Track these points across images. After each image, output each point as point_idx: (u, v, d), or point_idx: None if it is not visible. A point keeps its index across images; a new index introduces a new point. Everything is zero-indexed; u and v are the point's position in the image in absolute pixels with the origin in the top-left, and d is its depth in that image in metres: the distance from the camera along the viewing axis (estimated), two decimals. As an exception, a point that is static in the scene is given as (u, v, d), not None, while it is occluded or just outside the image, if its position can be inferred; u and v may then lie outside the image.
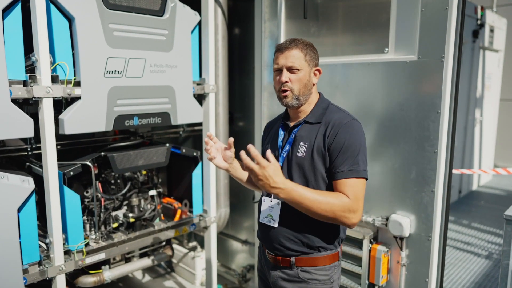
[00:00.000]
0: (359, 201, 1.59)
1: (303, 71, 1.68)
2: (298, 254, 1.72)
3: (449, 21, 2.07)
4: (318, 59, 1.78)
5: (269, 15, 3.02)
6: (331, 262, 1.74)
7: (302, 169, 1.70)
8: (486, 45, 6.20)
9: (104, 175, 2.80)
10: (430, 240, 2.26)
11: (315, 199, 1.54)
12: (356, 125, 1.67)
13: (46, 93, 2.13)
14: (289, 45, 1.70)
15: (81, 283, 2.68)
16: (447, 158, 2.18)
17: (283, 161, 1.76)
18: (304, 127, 1.74)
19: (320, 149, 1.66)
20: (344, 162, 1.60)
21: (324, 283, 1.73)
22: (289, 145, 1.76)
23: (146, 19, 2.53)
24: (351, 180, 1.59)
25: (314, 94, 1.79)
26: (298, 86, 1.69)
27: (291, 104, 1.71)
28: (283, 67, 1.69)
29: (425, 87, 2.20)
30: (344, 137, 1.61)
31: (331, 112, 1.73)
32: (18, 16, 2.06)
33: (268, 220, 1.77)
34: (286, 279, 1.76)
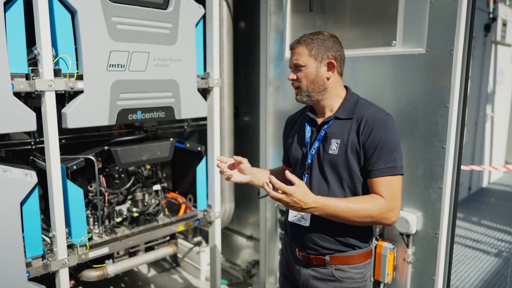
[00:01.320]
0: (396, 198, 1.57)
1: (308, 67, 1.64)
2: (332, 252, 1.69)
3: (459, 12, 2.01)
4: (332, 51, 1.67)
5: (275, 8, 2.97)
6: (365, 259, 1.72)
7: (335, 167, 1.65)
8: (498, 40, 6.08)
9: (108, 170, 2.80)
10: (437, 238, 2.21)
11: (350, 209, 1.52)
12: (391, 120, 1.62)
13: (49, 87, 2.12)
14: (295, 43, 1.68)
15: (85, 277, 2.68)
16: (456, 154, 2.13)
17: (312, 158, 1.72)
18: (335, 123, 1.68)
19: (354, 146, 1.61)
20: (381, 159, 1.57)
21: (359, 282, 1.70)
22: (318, 142, 1.70)
23: (150, 12, 2.50)
24: (388, 178, 1.56)
25: (337, 88, 1.71)
26: (305, 83, 1.66)
27: (301, 101, 1.71)
28: (291, 65, 1.70)
29: (434, 81, 2.14)
30: (379, 134, 1.57)
31: (362, 107, 1.67)
32: (20, 9, 2.04)
33: (298, 219, 1.73)
34: (319, 278, 1.72)
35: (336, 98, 1.72)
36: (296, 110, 2.87)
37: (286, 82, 2.94)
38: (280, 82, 2.98)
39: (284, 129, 2.00)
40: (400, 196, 1.59)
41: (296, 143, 1.82)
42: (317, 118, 1.76)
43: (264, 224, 3.18)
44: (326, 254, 1.70)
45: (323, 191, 1.67)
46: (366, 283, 1.73)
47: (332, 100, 1.71)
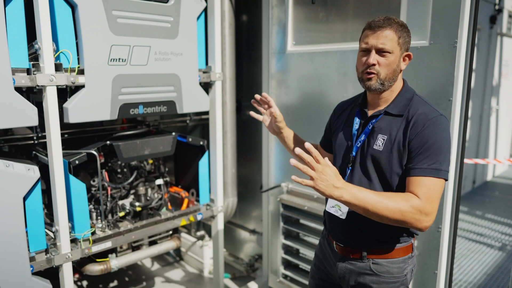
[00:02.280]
0: (434, 203, 1.44)
1: (394, 55, 1.52)
2: (369, 246, 1.64)
3: (462, 4, 1.98)
4: (410, 42, 1.60)
5: (277, 1, 2.94)
6: (404, 254, 1.65)
7: (378, 163, 1.57)
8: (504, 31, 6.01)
9: (110, 164, 2.80)
10: (440, 232, 2.20)
11: (381, 200, 1.41)
12: (444, 121, 1.51)
13: (50, 81, 2.12)
14: (383, 24, 1.51)
15: (88, 271, 2.70)
16: (459, 147, 2.11)
17: (356, 151, 1.65)
18: (384, 118, 1.59)
19: (399, 145, 1.52)
20: (425, 159, 1.46)
21: (398, 277, 1.64)
22: (365, 135, 1.63)
23: (151, 5, 2.49)
24: (428, 179, 1.44)
25: (400, 82, 1.63)
26: (385, 71, 1.53)
27: (374, 88, 1.56)
28: (372, 47, 1.53)
29: (437, 73, 2.12)
30: (428, 134, 1.47)
31: (415, 104, 1.57)
32: (20, 4, 2.04)
33: (335, 210, 1.67)
34: (356, 272, 1.68)
35: (395, 91, 1.63)
36: (298, 104, 2.87)
37: (289, 76, 2.92)
38: (283, 75, 2.96)
39: (333, 113, 1.92)
40: (437, 202, 1.45)
41: (342, 133, 1.74)
42: (368, 110, 1.67)
43: (267, 218, 3.18)
44: (363, 248, 1.65)
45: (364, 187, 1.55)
46: (406, 278, 1.66)
47: (392, 92, 1.62)
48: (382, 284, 1.64)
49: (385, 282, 1.64)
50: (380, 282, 1.64)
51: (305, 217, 2.85)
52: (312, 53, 2.74)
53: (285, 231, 3.07)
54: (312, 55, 2.74)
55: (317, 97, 2.74)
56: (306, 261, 2.99)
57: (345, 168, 1.68)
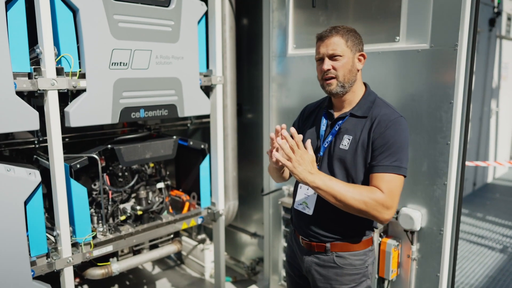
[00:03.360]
0: (395, 197, 1.57)
1: (345, 57, 1.65)
2: (333, 240, 1.74)
3: (463, 7, 1.99)
4: (362, 44, 1.73)
5: (277, 4, 2.95)
6: (365, 247, 1.76)
7: (344, 162, 1.69)
8: (503, 34, 6.03)
9: (111, 168, 2.80)
10: (442, 234, 2.20)
11: (348, 189, 1.54)
12: (403, 122, 1.65)
13: (51, 86, 2.12)
14: (329, 33, 1.67)
15: (89, 275, 2.69)
16: (460, 150, 2.11)
17: (324, 151, 1.75)
18: (350, 119, 1.72)
19: (364, 144, 1.65)
20: (387, 157, 1.59)
21: (359, 268, 1.74)
22: (332, 136, 1.74)
23: (152, 9, 2.50)
24: (390, 176, 1.57)
25: (359, 82, 1.75)
26: (342, 73, 1.66)
27: (335, 92, 1.68)
28: (324, 55, 1.67)
29: (438, 76, 2.12)
30: (390, 134, 1.60)
31: (378, 106, 1.70)
32: (21, 8, 2.04)
33: (303, 207, 1.78)
34: (321, 265, 1.78)
35: (357, 92, 1.75)
36: (299, 108, 2.86)
37: (289, 79, 2.93)
38: (283, 79, 2.97)
39: (299, 115, 2.00)
40: (398, 197, 1.59)
41: (310, 134, 1.84)
42: (334, 112, 1.79)
43: (268, 221, 3.18)
44: (327, 242, 1.75)
45: None
46: (367, 270, 1.77)
47: (354, 94, 1.74)
48: (345, 276, 1.74)
49: (348, 274, 1.74)
50: (343, 274, 1.74)
51: (307, 220, 2.84)
52: (312, 56, 2.75)
53: (286, 234, 3.06)
54: (312, 58, 2.75)
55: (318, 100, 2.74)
56: (307, 265, 2.98)
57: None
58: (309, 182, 1.52)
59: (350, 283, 1.74)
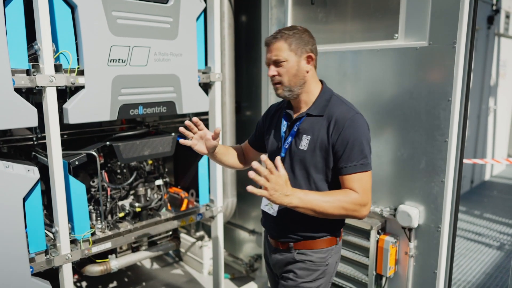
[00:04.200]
0: (368, 193, 1.63)
1: (289, 62, 1.66)
2: (296, 239, 1.80)
3: (461, 5, 1.99)
4: (309, 44, 1.71)
5: (276, 1, 2.95)
6: (328, 245, 1.80)
7: (303, 163, 1.72)
8: (501, 32, 6.03)
9: (110, 165, 2.80)
10: (439, 231, 2.21)
11: (325, 199, 1.57)
12: (360, 119, 1.67)
13: (49, 82, 2.12)
14: (273, 38, 1.69)
15: (88, 271, 2.70)
16: (458, 147, 2.12)
17: (285, 153, 1.78)
18: (307, 119, 1.74)
19: (323, 144, 1.67)
20: (352, 157, 1.62)
21: (318, 265, 1.79)
22: (291, 137, 1.77)
23: (150, 6, 2.49)
24: (360, 175, 1.62)
25: (313, 82, 1.76)
26: (287, 78, 1.68)
27: (283, 96, 1.72)
28: (270, 61, 1.70)
29: (436, 74, 2.13)
30: (349, 133, 1.62)
31: (333, 104, 1.71)
32: (20, 4, 2.03)
33: (268, 208, 1.83)
34: (284, 261, 1.85)
35: (312, 92, 1.76)
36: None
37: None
38: (282, 76, 2.97)
39: (264, 115, 2.03)
40: (370, 191, 1.65)
41: (273, 135, 1.88)
42: (293, 113, 1.81)
43: (266, 218, 3.19)
44: (291, 241, 1.80)
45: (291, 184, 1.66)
46: (327, 268, 1.81)
47: (309, 94, 1.75)
48: (305, 270, 1.79)
49: (307, 268, 1.79)
50: (303, 268, 1.79)
51: (305, 217, 2.85)
52: (311, 54, 2.75)
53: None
54: (311, 55, 2.75)
55: (316, 97, 2.75)
56: (305, 261, 3.00)
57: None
58: (286, 204, 1.52)
59: (307, 277, 1.79)
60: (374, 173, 2.44)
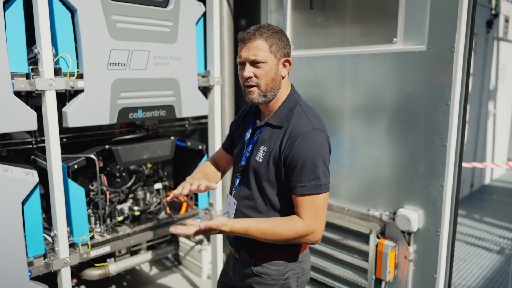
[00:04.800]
0: (319, 218, 1.51)
1: (268, 64, 1.52)
2: (253, 249, 1.68)
3: (460, 9, 2.00)
4: (288, 48, 1.59)
5: (275, 5, 2.96)
6: (285, 258, 1.66)
7: (257, 175, 1.61)
8: (500, 36, 6.05)
9: (109, 168, 2.80)
10: (439, 235, 2.20)
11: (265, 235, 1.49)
12: (316, 135, 1.51)
13: (49, 86, 2.12)
14: (252, 35, 1.51)
15: (87, 275, 2.69)
16: (457, 151, 2.12)
17: (245, 161, 1.68)
18: (267, 129, 1.62)
19: (276, 158, 1.55)
20: (302, 177, 1.49)
21: (276, 279, 1.66)
22: (251, 145, 1.66)
23: (150, 10, 2.50)
24: (310, 198, 1.49)
25: (284, 88, 1.63)
26: (264, 81, 1.53)
27: (256, 101, 1.57)
28: (245, 60, 1.53)
29: (435, 78, 2.13)
30: (301, 151, 1.48)
31: (295, 115, 1.57)
32: (20, 8, 2.04)
33: (227, 216, 1.72)
34: (244, 272, 1.73)
35: (281, 99, 1.63)
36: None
37: (287, 80, 2.93)
38: (281, 80, 2.97)
39: (236, 118, 1.90)
40: (324, 214, 1.53)
41: (239, 140, 1.78)
42: (259, 120, 1.70)
43: (266, 222, 3.18)
44: (248, 250, 1.69)
45: (246, 195, 1.65)
46: (287, 282, 1.67)
47: (278, 101, 1.63)
48: (262, 285, 1.67)
49: (265, 283, 1.66)
50: (260, 283, 1.67)
51: (304, 221, 2.85)
52: (310, 58, 2.76)
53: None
54: (310, 59, 2.76)
55: (315, 101, 2.75)
56: (305, 265, 2.99)
57: (235, 177, 1.72)
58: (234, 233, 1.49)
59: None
60: (374, 177, 2.46)
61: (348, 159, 2.60)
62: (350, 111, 2.56)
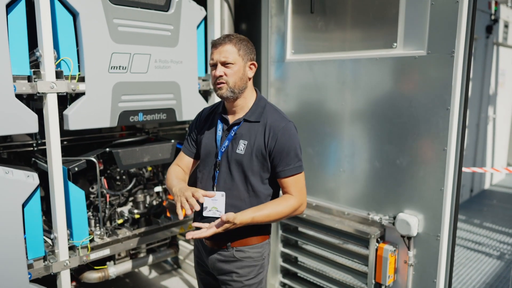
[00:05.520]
0: (303, 192, 1.86)
1: (237, 65, 1.78)
2: (234, 238, 1.87)
3: (459, 14, 2.01)
4: (253, 53, 1.86)
5: (276, 10, 2.97)
6: (263, 240, 1.93)
7: (241, 165, 1.82)
8: (500, 41, 6.07)
9: (109, 171, 2.80)
10: (439, 240, 2.20)
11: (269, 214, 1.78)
12: (292, 127, 1.84)
13: (50, 89, 2.13)
14: (222, 40, 1.79)
15: (86, 278, 2.68)
16: (457, 156, 2.12)
17: (221, 156, 1.86)
18: (244, 125, 1.85)
19: (260, 149, 1.80)
20: (289, 161, 1.80)
21: (257, 260, 1.91)
22: (228, 141, 1.86)
23: (151, 14, 2.51)
24: (296, 177, 1.82)
25: (250, 89, 1.88)
26: (233, 79, 1.78)
27: (225, 96, 1.80)
28: (217, 61, 1.79)
29: (435, 83, 2.14)
30: (284, 140, 1.79)
31: (268, 112, 1.85)
32: (22, 11, 2.06)
33: (213, 212, 1.86)
34: (223, 260, 1.91)
35: (248, 98, 1.88)
36: (297, 112, 2.89)
37: (288, 84, 2.94)
38: (281, 84, 2.98)
39: (196, 118, 2.08)
40: (305, 189, 1.88)
41: (208, 139, 1.94)
42: (229, 118, 1.90)
43: (265, 226, 3.18)
44: (229, 240, 1.88)
45: (228, 186, 1.85)
46: (264, 261, 1.95)
47: (245, 100, 1.87)
48: (245, 268, 1.90)
49: (247, 265, 1.90)
50: (242, 266, 1.89)
51: (304, 225, 2.85)
52: (311, 62, 2.77)
53: (283, 239, 3.07)
54: (311, 63, 2.77)
55: (315, 105, 2.76)
56: (305, 269, 2.99)
57: (213, 172, 1.90)
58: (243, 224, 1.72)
59: (249, 274, 1.90)
60: (374, 181, 2.46)
61: (348, 163, 2.60)
62: (350, 115, 2.57)
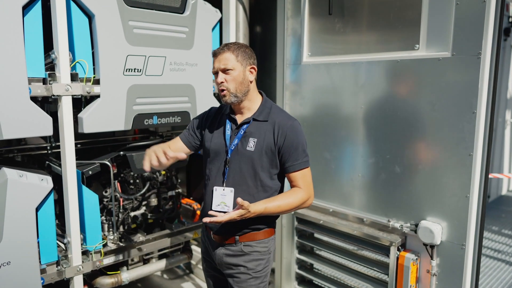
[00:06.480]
0: (311, 186, 1.96)
1: (236, 71, 1.86)
2: (242, 233, 1.96)
3: (487, 14, 1.93)
4: (252, 58, 1.93)
5: (292, 11, 2.92)
6: (269, 236, 2.01)
7: (251, 162, 1.91)
8: (518, 44, 5.93)
9: (123, 175, 2.77)
10: (464, 249, 2.11)
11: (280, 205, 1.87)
12: (298, 125, 1.95)
13: (65, 91, 2.10)
14: (221, 49, 1.90)
15: (99, 284, 2.64)
16: (483, 161, 2.04)
17: (231, 153, 1.94)
18: (253, 124, 1.94)
19: (269, 146, 1.89)
20: (297, 156, 1.91)
21: (264, 253, 1.99)
22: (238, 139, 1.94)
23: (167, 16, 2.48)
24: (303, 171, 1.92)
25: (254, 91, 1.98)
26: (233, 85, 1.87)
27: (230, 101, 1.90)
28: (218, 70, 1.88)
29: (460, 85, 2.06)
30: (293, 137, 1.89)
31: (275, 112, 1.96)
32: (38, 13, 2.03)
33: (221, 207, 1.93)
34: (231, 255, 1.98)
35: (254, 100, 1.97)
36: (313, 116, 2.83)
37: (304, 87, 2.89)
38: (297, 87, 2.93)
39: (204, 114, 2.13)
40: (312, 183, 1.97)
41: (216, 138, 2.01)
42: (237, 118, 1.99)
43: (280, 232, 3.12)
44: (237, 235, 1.96)
45: (237, 182, 1.93)
46: (270, 256, 2.03)
47: (251, 102, 1.96)
48: (252, 261, 1.97)
49: (255, 259, 1.97)
50: (250, 260, 1.97)
51: (320, 231, 2.78)
52: (328, 64, 2.71)
53: (299, 245, 3.00)
54: (328, 66, 2.71)
55: (332, 108, 2.70)
56: (320, 277, 2.91)
57: (223, 169, 1.97)
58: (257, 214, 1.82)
59: (256, 267, 1.97)
60: (394, 186, 2.39)
61: (366, 168, 2.53)
62: (369, 119, 2.50)
